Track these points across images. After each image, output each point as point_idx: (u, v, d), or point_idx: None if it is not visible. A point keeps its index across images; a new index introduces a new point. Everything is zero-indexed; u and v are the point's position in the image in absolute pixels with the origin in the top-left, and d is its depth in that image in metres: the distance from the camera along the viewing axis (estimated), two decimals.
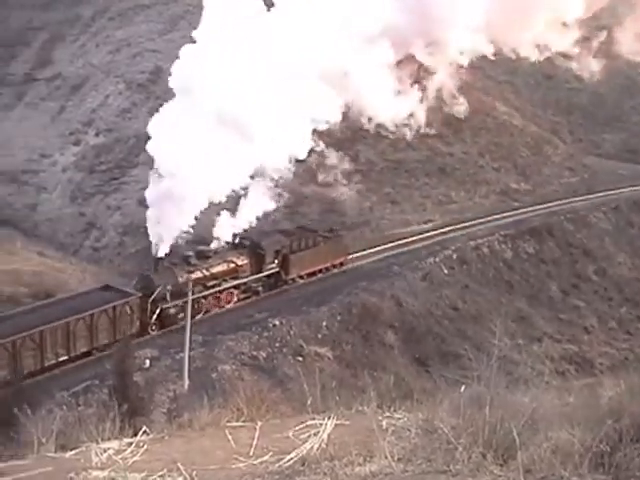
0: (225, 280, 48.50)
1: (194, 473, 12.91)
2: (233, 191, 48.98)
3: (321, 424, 14.36)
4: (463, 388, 15.36)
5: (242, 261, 49.45)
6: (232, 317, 47.57)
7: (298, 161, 52.73)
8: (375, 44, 55.00)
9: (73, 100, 75.97)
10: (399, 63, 61.76)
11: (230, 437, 14.35)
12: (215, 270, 47.97)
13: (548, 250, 65.03)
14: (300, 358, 44.81)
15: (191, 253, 47.80)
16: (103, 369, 39.43)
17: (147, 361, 41.37)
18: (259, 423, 15.01)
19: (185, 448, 14.12)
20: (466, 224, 64.77)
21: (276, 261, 51.22)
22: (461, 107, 74.37)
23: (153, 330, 44.68)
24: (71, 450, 14.22)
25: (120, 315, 42.70)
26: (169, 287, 44.77)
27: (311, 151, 54.41)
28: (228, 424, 15.25)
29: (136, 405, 30.54)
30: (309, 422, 14.60)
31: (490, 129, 79.22)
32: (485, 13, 60.15)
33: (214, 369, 42.17)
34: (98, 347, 41.70)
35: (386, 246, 59.17)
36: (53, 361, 40.14)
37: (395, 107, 62.95)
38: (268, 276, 51.11)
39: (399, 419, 14.57)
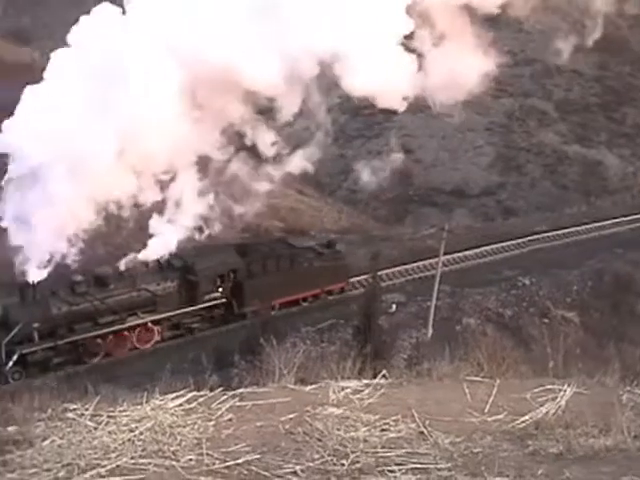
0: (134, 314, 37.13)
1: (427, 422, 13.02)
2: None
3: (560, 390, 14.13)
4: None
5: (163, 289, 37.78)
6: (480, 272, 47.23)
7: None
8: None
9: None
10: None
11: (467, 391, 14.35)
12: (116, 300, 36.53)
13: None
14: (546, 320, 44.00)
15: (81, 278, 36.41)
16: (350, 309, 40.18)
17: (394, 306, 41.81)
18: (497, 381, 14.92)
19: (421, 396, 14.22)
20: None
21: (220, 289, 39.37)
22: None
23: (14, 379, 33.47)
24: (310, 384, 14.61)
25: None
26: (36, 325, 34.53)
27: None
28: (467, 378, 15.24)
29: (378, 348, 31.03)
30: (548, 386, 14.39)
31: None
32: None
33: (458, 321, 42.15)
34: None
35: None
36: None
37: None
38: (209, 308, 39.34)
39: None
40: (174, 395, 13.87)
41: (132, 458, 11.92)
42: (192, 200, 38.38)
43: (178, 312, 38.12)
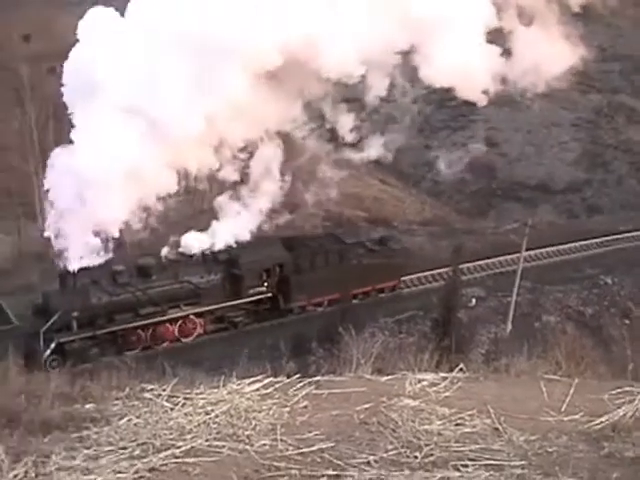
0: (176, 306, 36.73)
1: (502, 418, 12.93)
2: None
3: (638, 393, 13.94)
4: None
5: (207, 282, 37.37)
6: (562, 269, 46.73)
7: None
8: None
9: None
10: None
11: (544, 389, 14.21)
12: (158, 292, 36.05)
13: None
14: (627, 321, 43.41)
15: (122, 267, 36.03)
16: (429, 301, 40.07)
17: (473, 300, 41.64)
18: (575, 380, 14.75)
19: (498, 392, 14.14)
20: None
21: (266, 283, 38.69)
22: None
23: (52, 367, 30.88)
24: (387, 375, 14.61)
25: None
26: (75, 313, 34.18)
27: None
28: (544, 375, 15.10)
29: (456, 342, 30.90)
30: (626, 388, 14.19)
31: None
32: None
33: (538, 318, 41.80)
34: None
35: None
36: None
37: None
38: (254, 303, 38.73)
39: None
40: (251, 380, 13.98)
41: (207, 440, 12.05)
42: (269, 183, 38.24)
43: (222, 305, 37.59)
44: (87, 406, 13.37)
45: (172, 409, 12.99)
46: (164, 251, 37.12)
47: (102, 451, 11.80)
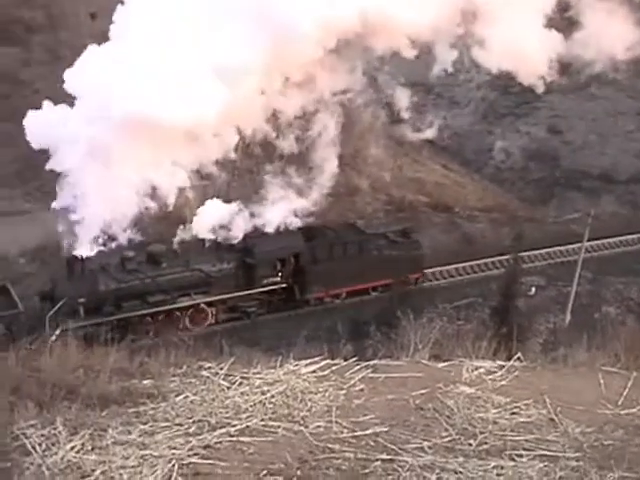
0: (186, 295, 35.91)
1: (558, 409, 12.86)
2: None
3: None
4: None
5: (218, 270, 36.31)
6: (624, 260, 46.17)
7: None
8: None
9: None
10: None
11: (602, 381, 14.09)
12: (168, 279, 35.20)
13: None
14: None
15: (131, 254, 34.97)
16: (489, 288, 39.88)
17: (533, 289, 41.36)
18: (634, 373, 14.59)
19: (554, 383, 14.04)
20: None
21: (280, 273, 37.85)
22: None
23: None
24: (444, 361, 14.58)
25: None
26: (82, 300, 33.45)
27: None
28: (602, 367, 14.96)
29: (514, 330, 30.67)
30: None
31: None
32: None
33: (598, 309, 41.35)
34: None
35: None
36: None
37: None
38: (268, 293, 37.74)
39: None
40: (308, 361, 14.03)
41: (262, 420, 12.13)
42: (326, 162, 37.76)
43: (234, 295, 36.69)
44: (144, 382, 13.51)
45: (229, 388, 13.08)
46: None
47: (158, 427, 11.93)
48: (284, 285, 37.55)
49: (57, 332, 31.57)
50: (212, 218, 35.99)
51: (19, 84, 46.15)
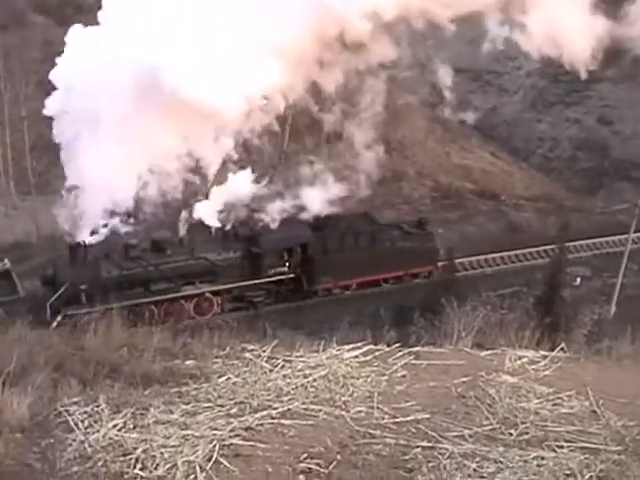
0: (191, 283, 35.28)
1: (600, 402, 12.79)
2: None
3: None
4: None
5: (224, 259, 35.77)
6: None
7: None
8: None
9: None
10: None
11: None
12: (172, 267, 34.64)
13: None
14: None
15: (135, 241, 34.42)
16: (534, 278, 39.60)
17: (578, 279, 40.96)
18: None
19: (598, 374, 13.97)
20: None
21: (288, 264, 36.92)
22: None
23: None
24: (487, 350, 14.55)
25: None
26: (83, 286, 32.88)
27: None
28: None
29: (559, 320, 30.50)
30: None
31: None
32: None
33: None
34: None
35: None
36: None
37: None
38: (275, 283, 36.75)
39: None
40: (351, 346, 14.07)
41: (303, 403, 12.17)
42: (371, 145, 37.42)
43: (240, 284, 35.64)
44: (187, 362, 13.61)
45: (271, 370, 13.14)
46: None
47: (200, 407, 12.01)
48: (291, 275, 36.58)
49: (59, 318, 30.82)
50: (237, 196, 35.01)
51: None
